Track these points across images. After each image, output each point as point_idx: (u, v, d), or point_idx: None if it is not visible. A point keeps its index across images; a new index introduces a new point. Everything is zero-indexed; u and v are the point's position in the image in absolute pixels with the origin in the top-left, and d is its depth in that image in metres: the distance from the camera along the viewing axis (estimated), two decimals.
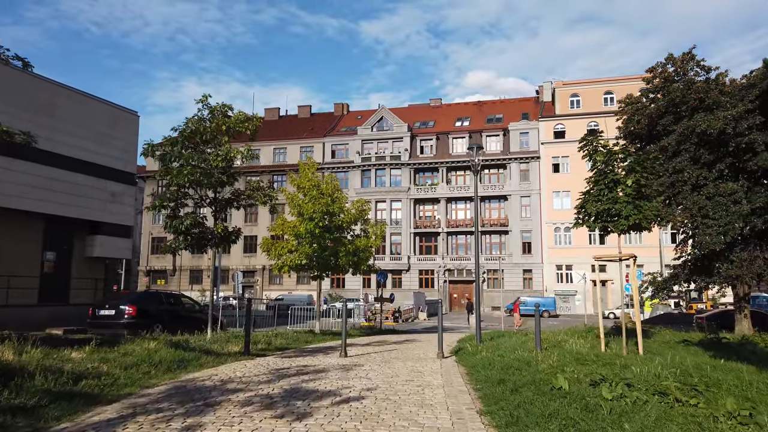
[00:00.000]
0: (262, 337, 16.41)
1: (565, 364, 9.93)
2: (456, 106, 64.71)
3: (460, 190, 57.16)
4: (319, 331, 21.79)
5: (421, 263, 57.29)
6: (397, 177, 58.51)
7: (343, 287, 58.30)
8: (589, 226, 13.16)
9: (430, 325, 36.84)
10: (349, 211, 21.75)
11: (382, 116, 60.13)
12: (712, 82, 22.03)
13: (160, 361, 9.91)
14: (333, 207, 21.11)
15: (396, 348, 15.33)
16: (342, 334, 12.42)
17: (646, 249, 52.78)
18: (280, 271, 21.57)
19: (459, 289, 56.94)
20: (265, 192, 15.67)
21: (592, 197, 12.80)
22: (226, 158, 14.90)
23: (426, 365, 10.96)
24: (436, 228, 57.05)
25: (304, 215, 20.98)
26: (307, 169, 22.29)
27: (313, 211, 20.52)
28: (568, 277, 54.75)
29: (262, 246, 21.72)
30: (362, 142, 59.69)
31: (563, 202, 55.04)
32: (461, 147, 58.04)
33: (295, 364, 10.90)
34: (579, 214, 13.39)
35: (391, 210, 57.68)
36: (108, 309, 17.32)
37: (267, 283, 60.16)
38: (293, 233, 21.13)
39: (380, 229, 22.06)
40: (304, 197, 21.33)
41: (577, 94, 55.94)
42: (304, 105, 66.46)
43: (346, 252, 20.95)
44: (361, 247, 21.29)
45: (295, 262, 20.95)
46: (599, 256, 13.39)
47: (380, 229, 22.09)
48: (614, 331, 19.33)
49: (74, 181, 26.39)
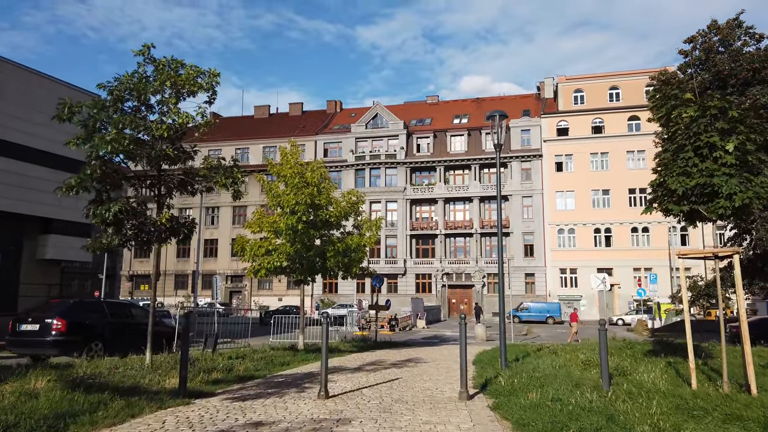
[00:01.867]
0: (224, 360, 12.54)
1: (670, 419, 6.14)
2: (454, 103, 61.09)
3: (459, 190, 53.43)
4: (302, 347, 17.90)
5: (418, 267, 53.46)
6: (392, 176, 54.73)
7: (336, 292, 54.38)
8: (671, 211, 9.35)
9: (430, 334, 32.97)
10: (339, 203, 17.91)
11: (376, 113, 56.39)
12: (762, 52, 18.45)
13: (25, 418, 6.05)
14: (319, 198, 17.28)
15: (397, 376, 11.48)
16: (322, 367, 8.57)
17: (654, 251, 49.25)
18: (256, 275, 17.68)
19: (458, 294, 53.10)
20: (226, 172, 11.84)
21: (677, 169, 9.01)
22: (175, 127, 11.08)
23: (447, 417, 7.12)
24: (434, 230, 53.26)
25: (284, 208, 17.14)
26: (290, 155, 18.47)
27: (296, 203, 16.69)
28: (572, 281, 51.09)
29: (236, 246, 17.85)
30: (356, 140, 55.91)
31: (567, 203, 51.47)
32: (459, 145, 54.36)
33: (246, 417, 7.03)
34: (656, 193, 9.59)
35: (387, 211, 53.85)
36: (31, 323, 13.38)
37: (256, 288, 56.14)
38: (272, 230, 17.29)
39: (375, 225, 18.21)
40: (286, 187, 17.51)
41: (581, 90, 52.40)
42: (296, 102, 62.63)
43: (334, 252, 17.09)
44: (352, 246, 17.44)
45: (274, 265, 17.08)
46: (685, 253, 9.52)
47: (375, 224, 18.24)
48: (660, 347, 15.52)
49: (24, 172, 22.50)
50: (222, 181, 11.64)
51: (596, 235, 50.74)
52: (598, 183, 50.55)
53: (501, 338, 12.13)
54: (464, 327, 8.28)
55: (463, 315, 8.97)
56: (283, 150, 18.62)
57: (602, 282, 26.32)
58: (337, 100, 62.72)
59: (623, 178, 49.87)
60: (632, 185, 49.85)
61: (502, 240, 12.90)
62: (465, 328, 8.25)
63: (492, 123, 12.49)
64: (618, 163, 50.38)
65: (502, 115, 12.36)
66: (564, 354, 14.20)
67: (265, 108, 63.93)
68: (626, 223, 49.84)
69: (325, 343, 8.58)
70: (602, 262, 49.95)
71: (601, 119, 51.43)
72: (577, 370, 11.33)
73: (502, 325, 12.02)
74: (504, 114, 12.40)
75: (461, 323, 8.36)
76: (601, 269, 50.41)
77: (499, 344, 17.20)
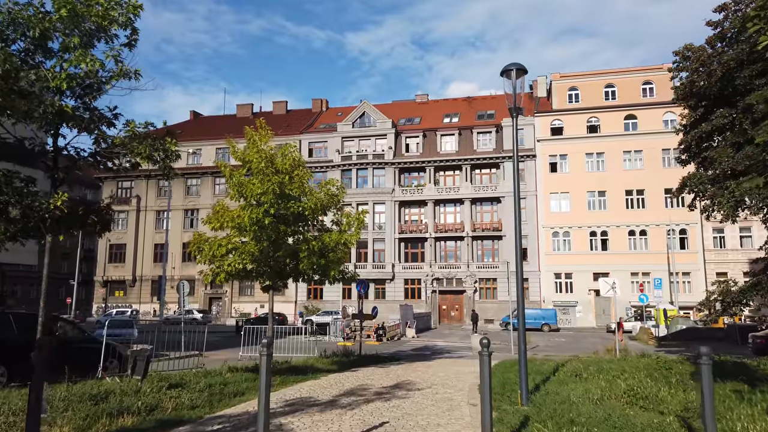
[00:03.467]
0: (153, 393, 9.31)
1: None
2: (444, 102, 58.20)
3: (449, 192, 50.42)
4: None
5: (407, 272, 50.30)
6: (380, 177, 51.62)
7: (320, 298, 51.06)
8: None
9: (420, 345, 29.82)
10: (315, 194, 14.76)
11: (364, 112, 53.33)
12: None
13: None
14: (291, 188, 14.15)
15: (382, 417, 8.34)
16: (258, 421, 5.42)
17: (652, 255, 46.52)
18: (215, 280, 14.48)
19: (448, 300, 50.00)
20: (153, 144, 8.64)
21: None
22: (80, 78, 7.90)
23: None
24: (423, 233, 50.17)
25: (248, 198, 13.98)
26: (257, 137, 15.34)
27: (262, 193, 13.56)
28: (567, 287, 48.21)
29: (191, 246, 14.63)
30: (342, 140, 52.76)
31: (561, 205, 48.66)
32: (450, 145, 51.42)
33: None
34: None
35: (374, 213, 50.70)
36: None
37: (237, 294, 52.64)
38: (235, 226, 14.11)
39: (358, 220, 15.07)
40: (252, 176, 14.36)
41: (576, 88, 49.72)
42: (280, 101, 59.42)
43: (309, 251, 13.92)
44: (330, 245, 14.28)
45: (235, 267, 13.91)
46: None
47: (358, 219, 15.09)
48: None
49: None
50: (146, 152, 8.46)
51: (592, 239, 47.95)
52: (594, 184, 47.82)
53: (521, 361, 9.01)
54: (487, 374, 5.19)
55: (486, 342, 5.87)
56: (249, 132, 15.46)
57: (612, 287, 23.34)
58: (323, 99, 59.61)
59: (619, 180, 47.20)
60: (629, 186, 47.20)
61: (520, 238, 9.84)
62: (488, 377, 5.15)
63: (508, 74, 9.37)
64: (614, 164, 47.71)
65: (520, 69, 9.28)
66: (593, 379, 11.14)
67: (248, 107, 60.62)
68: (623, 226, 47.12)
69: (265, 392, 5.43)
70: (598, 267, 47.12)
71: (597, 118, 48.78)
72: (626, 405, 8.27)
73: (523, 345, 8.89)
74: (522, 67, 9.33)
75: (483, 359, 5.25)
76: (597, 274, 47.58)
77: (502, 359, 14.09)
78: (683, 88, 17.00)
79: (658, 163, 46.92)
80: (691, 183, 16.64)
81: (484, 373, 5.62)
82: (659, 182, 46.50)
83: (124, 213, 54.81)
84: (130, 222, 54.41)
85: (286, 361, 16.28)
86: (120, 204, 54.64)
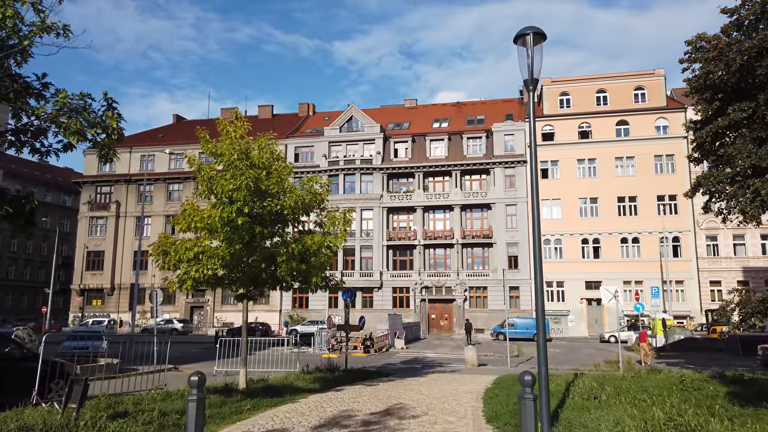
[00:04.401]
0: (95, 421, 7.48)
1: None
2: (433, 107, 56.79)
3: (439, 198, 48.84)
4: (243, 386, 12.87)
5: (395, 280, 48.54)
6: (368, 183, 49.93)
7: (306, 307, 49.09)
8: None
9: (410, 356, 28.03)
10: (296, 191, 13.02)
11: (351, 116, 51.71)
12: None
13: None
14: (268, 184, 12.43)
15: None
16: None
17: (645, 263, 45.23)
18: (181, 288, 12.68)
19: (438, 309, 48.29)
20: (88, 119, 6.90)
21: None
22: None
23: None
24: (412, 240, 48.50)
25: (218, 195, 12.23)
26: (231, 128, 13.62)
27: (235, 189, 11.83)
28: (559, 295, 46.74)
29: (154, 250, 12.80)
30: (329, 145, 51.05)
31: (552, 212, 47.30)
32: (439, 150, 49.94)
33: None
34: None
35: (362, 220, 48.98)
36: None
37: (219, 303, 50.49)
38: (204, 226, 12.32)
39: (344, 221, 13.34)
40: (224, 170, 12.62)
41: (567, 93, 48.55)
42: (265, 105, 57.56)
43: (288, 255, 12.17)
44: (312, 248, 12.53)
45: (204, 273, 12.13)
46: None
47: (344, 220, 13.37)
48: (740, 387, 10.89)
49: None
50: (76, 127, 6.70)
51: (584, 246, 46.59)
52: (586, 191, 46.55)
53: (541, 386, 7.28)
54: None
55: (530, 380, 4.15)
56: (223, 122, 13.71)
57: (614, 296, 21.81)
58: (310, 103, 57.92)
59: (612, 186, 45.99)
60: (621, 193, 46.00)
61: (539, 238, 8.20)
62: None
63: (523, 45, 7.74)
64: (606, 170, 46.50)
65: (537, 34, 7.66)
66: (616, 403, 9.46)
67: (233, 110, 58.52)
68: (615, 234, 45.84)
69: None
70: (590, 275, 45.82)
71: (588, 124, 47.60)
72: None
73: (544, 368, 7.19)
74: (540, 31, 7.71)
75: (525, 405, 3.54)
76: (589, 282, 46.31)
77: (500, 373, 12.33)
78: (697, 80, 15.52)
79: (650, 170, 45.81)
80: (707, 183, 15.11)
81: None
82: (652, 189, 45.39)
83: (103, 219, 52.49)
84: (109, 228, 52.08)
85: (263, 378, 14.45)
86: (98, 209, 52.34)
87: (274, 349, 22.54)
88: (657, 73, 47.20)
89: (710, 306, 42.93)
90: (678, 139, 45.55)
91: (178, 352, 31.71)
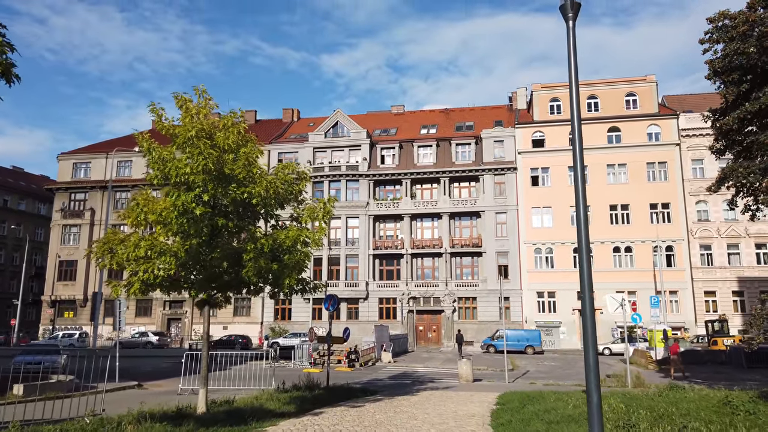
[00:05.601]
0: None
1: None
2: (421, 113, 55.06)
3: (427, 206, 46.89)
4: (203, 410, 10.63)
5: (382, 290, 46.33)
6: (354, 190, 47.85)
7: (289, 319, 46.64)
8: None
9: (399, 371, 25.80)
10: (267, 176, 10.91)
11: (337, 121, 49.74)
12: None
13: None
14: (234, 167, 10.31)
15: None
16: None
17: (638, 273, 43.59)
18: (128, 292, 10.48)
19: (425, 321, 46.11)
20: None
21: None
22: None
23: None
24: (399, 249, 46.40)
25: (172, 179, 10.10)
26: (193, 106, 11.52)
27: (192, 173, 9.72)
28: (550, 306, 44.81)
29: (97, 247, 10.58)
30: (314, 150, 48.98)
31: (543, 220, 45.55)
32: (428, 157, 48.10)
33: None
34: None
35: (347, 228, 46.84)
36: None
37: (198, 315, 47.79)
38: (156, 218, 10.16)
39: (323, 212, 11.23)
40: (181, 152, 10.51)
41: (558, 99, 47.11)
42: (249, 110, 55.42)
43: (256, 253, 10.02)
44: (286, 244, 10.40)
45: (155, 274, 9.98)
46: None
47: (323, 210, 11.26)
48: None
49: None
50: None
51: (575, 256, 44.71)
52: None
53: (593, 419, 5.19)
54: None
55: None
56: (182, 99, 11.57)
57: (621, 304, 19.89)
58: (295, 109, 55.91)
59: (603, 194, 44.40)
60: (613, 201, 44.44)
61: (586, 243, 6.09)
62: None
63: None
64: (598, 178, 44.93)
65: None
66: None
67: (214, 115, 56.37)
68: (607, 242, 44.17)
69: None
70: None
71: None
72: None
73: (596, 396, 5.10)
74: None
75: None
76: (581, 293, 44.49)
77: (500, 389, 10.37)
78: (721, 61, 13.79)
79: (642, 177, 44.37)
80: (735, 175, 13.37)
81: None
82: (644, 197, 43.91)
83: (76, 227, 49.71)
84: (82, 237, 49.27)
85: (228, 400, 12.18)
86: (71, 217, 49.57)
87: (255, 363, 20.22)
88: (649, 79, 45.96)
89: (706, 317, 41.26)
90: (671, 147, 44.23)
91: (149, 366, 29.24)
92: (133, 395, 17.97)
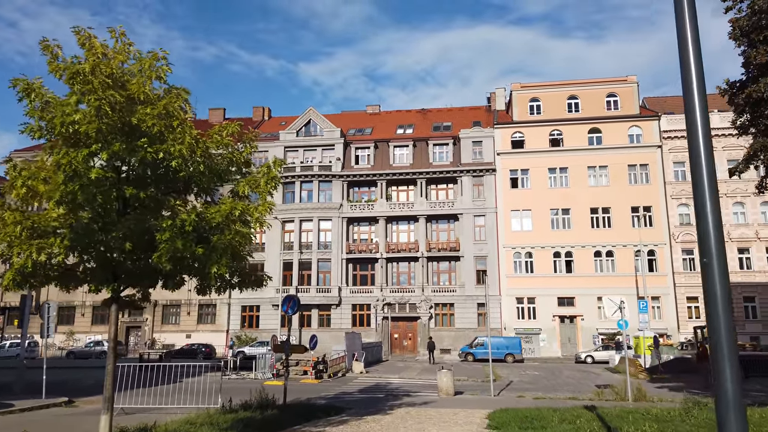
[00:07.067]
0: None
1: None
2: (397, 113, 52.70)
3: (403, 208, 44.42)
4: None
5: (355, 296, 43.58)
6: (326, 191, 45.16)
7: (257, 326, 43.50)
8: None
9: (371, 383, 23.07)
10: (192, 131, 8.14)
11: (310, 119, 47.09)
12: None
13: None
14: (145, 117, 7.54)
15: None
16: None
17: (620, 278, 41.72)
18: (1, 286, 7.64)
19: (401, 328, 43.47)
20: None
21: None
22: None
23: None
24: (374, 253, 43.79)
25: (56, 129, 7.31)
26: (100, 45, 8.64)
27: (85, 121, 6.97)
28: (530, 312, 42.61)
29: None
30: (285, 150, 46.14)
31: (523, 223, 43.47)
32: (404, 158, 45.72)
33: None
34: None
35: (319, 231, 44.08)
36: None
37: (160, 322, 44.36)
38: (46, 189, 7.38)
39: (266, 177, 8.51)
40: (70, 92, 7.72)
41: (538, 99, 45.25)
42: (217, 108, 52.31)
43: (173, 232, 7.26)
44: (215, 221, 7.67)
45: (36, 260, 7.16)
46: None
47: (267, 174, 8.55)
48: None
49: None
50: None
51: (556, 260, 42.80)
52: (557, 201, 42.96)
53: None
54: None
55: None
56: (85, 34, 8.68)
57: (619, 307, 17.63)
58: (265, 107, 53.06)
59: (584, 196, 42.57)
60: (594, 204, 42.62)
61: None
62: None
63: None
64: (578, 180, 43.09)
65: None
66: None
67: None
68: (588, 247, 42.26)
69: None
70: (563, 290, 42.13)
71: (560, 131, 44.30)
72: None
73: None
74: None
75: None
76: (561, 298, 42.49)
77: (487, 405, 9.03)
78: (748, 18, 11.66)
79: (624, 180, 42.68)
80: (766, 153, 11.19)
81: None
82: (626, 200, 42.20)
83: None
84: None
85: (144, 427, 9.34)
86: None
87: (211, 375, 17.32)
88: (629, 79, 44.45)
89: (689, 323, 39.53)
90: (652, 148, 42.65)
91: (93, 379, 25.88)
92: (52, 416, 14.99)
